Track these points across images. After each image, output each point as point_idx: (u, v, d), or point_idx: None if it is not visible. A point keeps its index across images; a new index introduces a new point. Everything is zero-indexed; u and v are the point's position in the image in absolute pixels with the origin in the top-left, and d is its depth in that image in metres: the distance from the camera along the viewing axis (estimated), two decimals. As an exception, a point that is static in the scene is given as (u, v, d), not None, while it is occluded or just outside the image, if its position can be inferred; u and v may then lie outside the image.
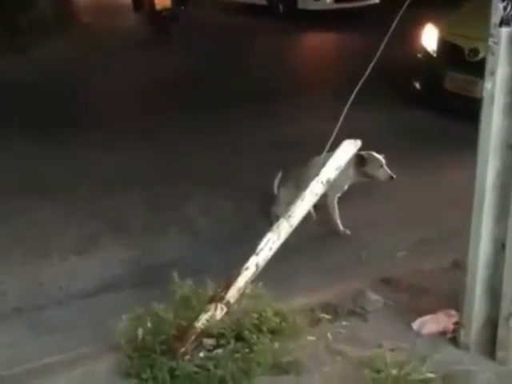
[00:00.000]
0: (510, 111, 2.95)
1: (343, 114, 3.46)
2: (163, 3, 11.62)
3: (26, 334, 3.82)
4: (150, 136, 6.91)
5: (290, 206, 3.40)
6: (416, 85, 7.76)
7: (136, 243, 4.85)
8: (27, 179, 5.87)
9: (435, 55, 7.57)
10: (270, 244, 3.29)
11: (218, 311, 3.16)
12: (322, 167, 3.49)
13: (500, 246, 3.08)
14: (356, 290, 3.74)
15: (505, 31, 2.86)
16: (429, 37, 7.69)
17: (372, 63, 3.43)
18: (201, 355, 3.12)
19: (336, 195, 4.85)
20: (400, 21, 3.41)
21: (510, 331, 3.10)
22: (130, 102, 8.33)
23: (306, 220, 3.63)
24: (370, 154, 4.76)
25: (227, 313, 3.19)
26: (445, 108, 7.01)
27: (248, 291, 3.31)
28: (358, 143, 3.73)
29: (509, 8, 2.84)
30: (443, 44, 7.44)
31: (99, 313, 3.83)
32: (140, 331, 3.18)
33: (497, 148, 2.98)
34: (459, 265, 3.73)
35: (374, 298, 3.68)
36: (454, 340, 3.30)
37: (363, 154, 4.65)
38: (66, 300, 4.21)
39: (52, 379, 3.15)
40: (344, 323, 3.50)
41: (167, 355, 3.08)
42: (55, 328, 3.83)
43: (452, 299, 3.41)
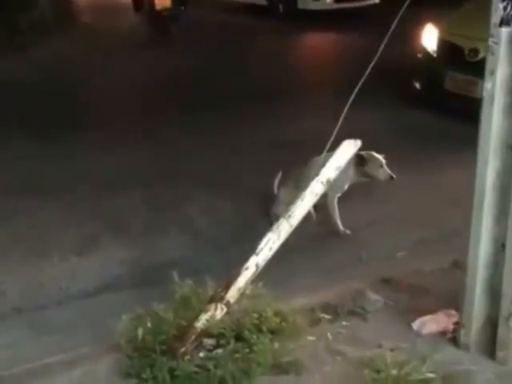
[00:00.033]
0: (510, 111, 2.95)
1: (343, 114, 3.46)
2: (163, 3, 11.61)
3: (26, 334, 3.82)
4: (150, 136, 6.91)
5: (290, 206, 3.40)
6: (416, 85, 7.75)
7: (136, 243, 4.85)
8: (27, 179, 5.86)
9: (435, 55, 7.57)
10: (270, 244, 3.29)
11: (218, 311, 3.16)
12: (322, 167, 3.49)
13: (500, 246, 3.08)
14: (356, 290, 3.74)
15: (505, 31, 2.86)
16: (429, 37, 7.69)
17: (372, 63, 3.43)
18: (201, 355, 3.12)
19: (336, 195, 4.86)
20: (400, 21, 3.41)
21: (510, 331, 3.10)
22: (130, 102, 8.32)
23: (306, 220, 3.63)
24: (370, 154, 4.76)
25: (227, 313, 3.19)
26: (445, 108, 7.00)
27: (248, 291, 3.31)
28: (358, 143, 3.73)
29: (509, 8, 2.84)
30: (443, 44, 7.44)
31: (99, 313, 3.83)
32: (140, 331, 3.18)
33: (497, 148, 2.98)
34: (459, 265, 3.73)
35: (374, 298, 3.68)
36: (454, 340, 3.30)
37: (363, 154, 4.65)
38: (66, 300, 4.21)
39: (52, 379, 3.15)
40: (344, 323, 3.50)
41: (167, 355, 3.08)
42: (55, 328, 3.83)
43: (452, 299, 3.41)
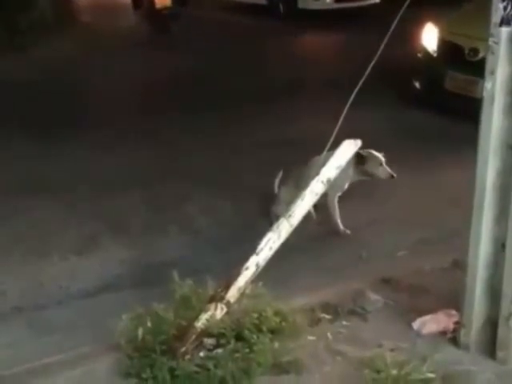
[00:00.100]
0: (511, 111, 2.95)
1: (343, 114, 3.46)
2: (163, 2, 11.61)
3: (26, 334, 3.82)
4: (150, 136, 6.91)
5: (291, 206, 3.40)
6: (416, 84, 7.75)
7: (136, 243, 4.85)
8: (27, 179, 5.86)
9: (435, 55, 7.56)
10: (270, 244, 3.29)
11: (218, 311, 3.17)
12: (323, 167, 3.49)
13: (500, 246, 3.08)
14: (356, 290, 3.74)
15: (505, 31, 2.86)
16: (429, 36, 7.68)
17: (372, 63, 3.43)
18: (201, 355, 3.12)
19: (336, 195, 4.85)
20: (400, 20, 3.41)
21: (510, 331, 3.10)
22: (130, 102, 8.32)
23: (306, 220, 3.63)
24: (370, 153, 4.76)
25: (227, 312, 3.19)
26: (445, 108, 7.00)
27: (248, 291, 3.31)
28: (359, 143, 3.73)
29: (509, 8, 2.84)
30: (443, 44, 7.43)
31: (99, 313, 3.83)
32: (140, 331, 3.18)
33: (497, 148, 2.98)
34: (459, 265, 3.73)
35: (374, 298, 3.68)
36: (454, 340, 3.30)
37: (363, 153, 4.65)
38: (66, 300, 4.21)
39: (52, 379, 3.15)
40: (344, 323, 3.50)
41: (167, 355, 3.08)
42: (55, 328, 3.83)
43: (452, 299, 3.41)
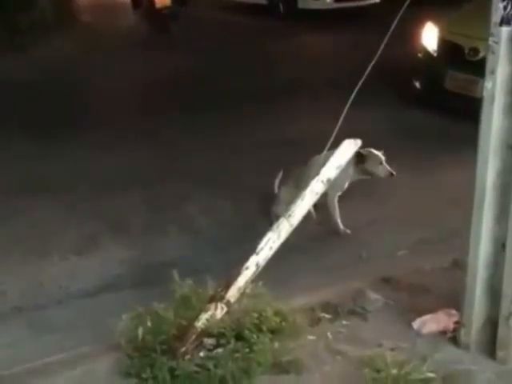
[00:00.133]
0: (511, 111, 2.95)
1: (343, 114, 3.46)
2: (163, 2, 11.61)
3: (26, 334, 3.82)
4: (150, 136, 6.90)
5: (291, 206, 3.40)
6: (416, 84, 7.75)
7: (136, 243, 4.85)
8: (27, 179, 5.86)
9: (435, 54, 7.56)
10: (271, 243, 3.29)
11: (218, 311, 3.16)
12: (323, 166, 3.49)
13: (500, 246, 3.08)
14: (356, 290, 3.74)
15: (505, 30, 2.86)
16: (429, 36, 7.68)
17: (372, 63, 3.43)
18: (201, 355, 3.12)
19: (336, 194, 4.85)
20: (400, 20, 3.41)
21: (510, 331, 3.10)
22: (130, 102, 8.32)
23: (306, 219, 3.63)
24: (369, 151, 4.76)
25: (227, 312, 3.19)
26: (445, 107, 7.00)
27: (248, 291, 3.31)
28: (359, 142, 3.73)
29: (509, 7, 2.84)
30: (443, 43, 7.43)
31: (99, 312, 3.83)
32: (140, 331, 3.18)
33: (497, 148, 2.98)
34: (459, 264, 3.73)
35: (374, 298, 3.68)
36: (455, 339, 3.30)
37: (362, 152, 4.64)
38: (66, 300, 4.21)
39: (52, 379, 3.15)
40: (344, 323, 3.50)
41: (167, 355, 3.08)
42: (55, 328, 3.84)
43: (452, 299, 3.41)
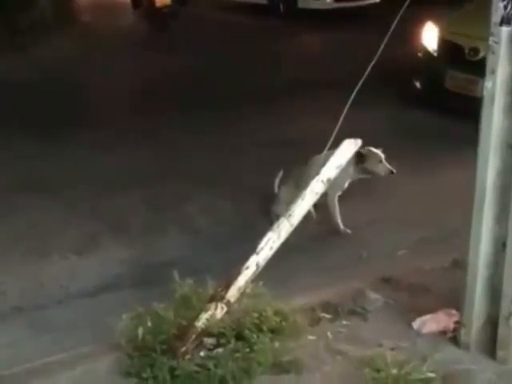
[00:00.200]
0: (511, 111, 2.95)
1: (343, 114, 3.46)
2: (163, 1, 11.60)
3: (26, 334, 3.82)
4: (150, 136, 6.90)
5: (291, 205, 3.40)
6: (416, 84, 7.75)
7: (136, 243, 4.85)
8: (27, 179, 5.86)
9: (435, 54, 7.55)
10: (271, 243, 3.29)
11: (219, 310, 3.16)
12: (323, 166, 3.49)
13: (500, 246, 3.08)
14: (356, 290, 3.74)
15: (505, 30, 2.86)
16: (429, 36, 7.68)
17: (372, 63, 3.43)
18: (201, 354, 3.12)
19: (336, 194, 4.86)
20: (400, 20, 3.41)
21: (511, 330, 3.10)
22: (130, 102, 8.32)
23: (307, 219, 3.64)
24: (369, 150, 4.76)
25: (227, 312, 3.19)
26: (445, 107, 6.99)
27: (248, 290, 3.31)
28: (359, 142, 3.73)
29: (509, 7, 2.84)
30: (443, 43, 7.43)
31: (99, 312, 3.83)
32: (140, 330, 3.18)
33: (497, 147, 2.98)
34: (459, 264, 3.73)
35: (375, 298, 3.67)
36: (455, 339, 3.30)
37: (362, 151, 4.63)
38: (66, 299, 4.22)
39: (52, 378, 3.15)
40: (344, 322, 3.50)
41: (167, 354, 3.08)
42: (55, 327, 3.84)
43: (452, 298, 3.41)
